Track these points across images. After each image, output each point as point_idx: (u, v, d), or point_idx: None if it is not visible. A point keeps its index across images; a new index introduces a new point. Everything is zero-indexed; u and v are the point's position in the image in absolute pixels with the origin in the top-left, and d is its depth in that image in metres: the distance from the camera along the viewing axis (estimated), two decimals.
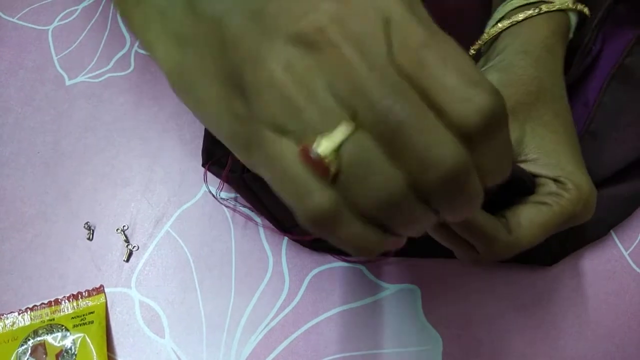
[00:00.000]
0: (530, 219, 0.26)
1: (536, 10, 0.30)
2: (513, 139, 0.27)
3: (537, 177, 0.28)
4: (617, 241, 0.37)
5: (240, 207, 0.39)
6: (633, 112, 0.34)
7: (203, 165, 0.37)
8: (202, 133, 0.40)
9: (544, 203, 0.27)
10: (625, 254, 0.37)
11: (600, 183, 0.32)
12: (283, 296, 0.37)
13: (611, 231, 0.37)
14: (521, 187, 0.27)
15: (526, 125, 0.28)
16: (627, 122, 0.34)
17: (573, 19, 0.32)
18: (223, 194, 0.40)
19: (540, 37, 0.30)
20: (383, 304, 0.36)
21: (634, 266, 0.36)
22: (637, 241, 0.37)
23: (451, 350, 0.35)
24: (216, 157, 0.37)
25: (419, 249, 0.36)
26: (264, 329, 0.36)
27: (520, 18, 0.31)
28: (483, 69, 0.32)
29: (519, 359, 0.34)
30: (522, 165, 0.28)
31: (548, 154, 0.27)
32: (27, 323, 0.36)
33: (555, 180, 0.27)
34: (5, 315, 0.37)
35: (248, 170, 0.34)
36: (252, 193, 0.36)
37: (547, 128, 0.28)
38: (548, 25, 0.30)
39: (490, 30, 0.32)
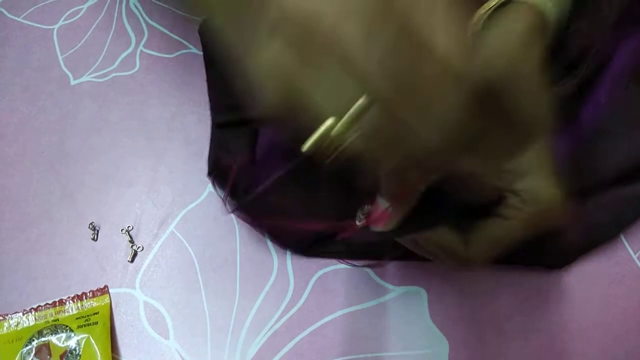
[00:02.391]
0: (484, 234, 0.27)
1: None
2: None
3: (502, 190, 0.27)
4: (627, 244, 0.37)
5: None
6: None
7: (208, 175, 0.37)
8: (208, 134, 0.39)
9: (504, 217, 0.27)
10: (634, 257, 0.36)
11: (610, 183, 0.32)
12: (288, 298, 0.37)
13: (620, 234, 0.37)
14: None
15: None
16: (638, 121, 0.34)
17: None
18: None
19: (515, 33, 0.28)
20: (389, 306, 0.36)
21: None
22: None
23: (457, 352, 0.35)
24: (220, 169, 0.37)
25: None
26: (268, 330, 0.36)
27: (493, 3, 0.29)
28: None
29: None
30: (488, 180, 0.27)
31: (515, 166, 0.27)
32: (32, 323, 0.36)
33: (516, 193, 0.27)
34: (9, 316, 0.37)
35: (248, 192, 0.34)
36: (252, 214, 0.36)
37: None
38: (525, 17, 0.28)
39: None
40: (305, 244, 0.37)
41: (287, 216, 0.35)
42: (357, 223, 0.26)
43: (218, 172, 0.36)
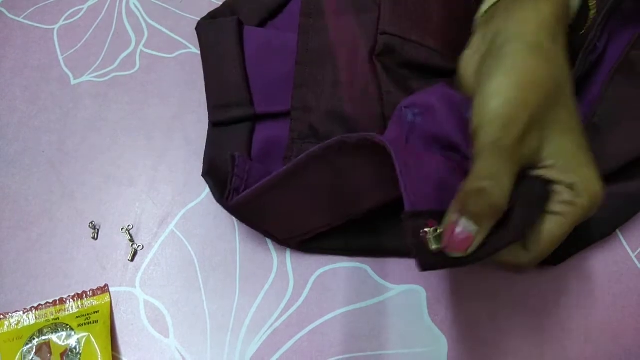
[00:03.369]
0: (545, 234, 0.26)
1: None
2: (531, 149, 0.26)
3: (551, 184, 0.27)
4: (624, 242, 0.37)
5: None
6: (638, 105, 0.34)
7: (203, 175, 0.37)
8: (206, 133, 0.40)
9: (558, 213, 0.26)
10: (632, 255, 0.36)
11: (604, 179, 0.32)
12: (287, 296, 0.37)
13: (618, 232, 0.37)
14: (537, 201, 0.27)
15: (544, 132, 0.26)
16: (632, 115, 0.34)
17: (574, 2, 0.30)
18: None
19: (537, 21, 0.28)
20: (388, 304, 0.36)
21: None
22: None
23: (456, 351, 0.35)
24: (215, 170, 0.37)
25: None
26: (268, 329, 0.36)
27: None
28: (479, 53, 0.30)
29: None
30: (539, 172, 0.27)
31: (565, 158, 0.26)
32: (32, 322, 0.37)
33: (570, 187, 0.26)
34: (10, 314, 0.37)
35: (237, 194, 0.34)
36: (244, 217, 0.36)
37: (564, 131, 0.27)
38: (546, 5, 0.28)
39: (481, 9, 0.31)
40: (299, 240, 0.37)
41: (281, 217, 0.35)
42: (432, 247, 0.24)
43: (213, 172, 0.36)
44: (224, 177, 0.35)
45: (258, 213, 0.35)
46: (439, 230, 0.24)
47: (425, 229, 0.24)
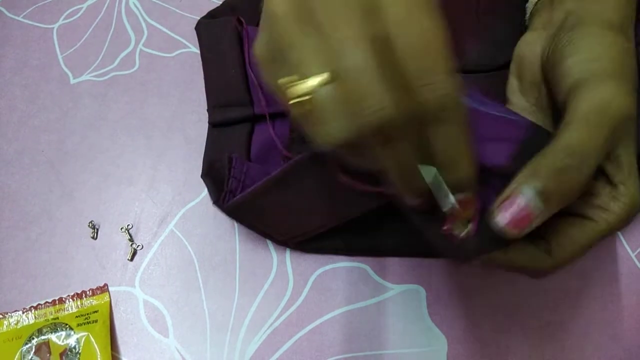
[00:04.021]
0: (572, 240, 0.24)
1: None
2: (628, 110, 0.22)
3: (594, 181, 0.24)
4: (625, 243, 0.37)
5: None
6: None
7: (202, 177, 0.37)
8: (206, 133, 0.39)
9: (590, 219, 0.24)
10: (632, 255, 0.36)
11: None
12: (287, 296, 0.37)
13: (618, 232, 0.37)
14: None
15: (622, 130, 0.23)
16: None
17: None
18: None
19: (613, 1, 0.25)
20: (387, 304, 0.36)
21: None
22: None
23: (456, 351, 0.35)
24: (214, 171, 0.36)
25: (424, 249, 0.36)
26: (267, 328, 0.36)
27: None
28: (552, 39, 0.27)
29: None
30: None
31: (620, 159, 0.23)
32: (31, 322, 0.36)
33: (613, 187, 0.23)
34: (9, 314, 0.37)
35: (233, 196, 0.34)
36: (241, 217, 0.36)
37: (630, 131, 0.23)
38: None
39: None
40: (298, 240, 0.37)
41: (277, 218, 0.35)
42: (461, 234, 0.23)
43: (212, 174, 0.37)
44: (223, 179, 0.35)
45: (255, 214, 0.35)
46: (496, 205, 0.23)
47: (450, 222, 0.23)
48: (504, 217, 0.22)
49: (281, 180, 0.31)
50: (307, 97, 0.19)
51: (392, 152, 0.20)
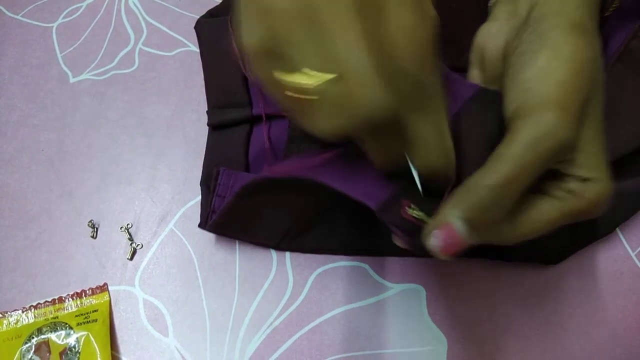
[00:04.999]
0: (538, 213, 0.24)
1: None
2: (567, 140, 0.23)
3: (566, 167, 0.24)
4: (625, 242, 0.37)
5: None
6: (635, 95, 0.33)
7: (200, 184, 0.38)
8: (207, 132, 0.39)
9: (558, 198, 0.24)
10: (633, 254, 0.36)
11: None
12: (287, 295, 0.37)
13: (618, 231, 0.37)
14: None
15: (584, 123, 0.24)
16: (627, 106, 0.34)
17: None
18: None
19: None
20: (387, 303, 0.36)
21: None
22: None
23: (456, 350, 0.35)
24: (210, 179, 0.37)
25: (424, 249, 0.36)
26: (267, 328, 0.36)
27: None
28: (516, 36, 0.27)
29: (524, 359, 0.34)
30: (560, 167, 0.24)
31: (591, 154, 0.24)
32: (31, 321, 0.36)
33: (582, 181, 0.24)
34: (9, 313, 0.37)
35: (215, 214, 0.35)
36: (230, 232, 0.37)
37: (598, 125, 0.24)
38: None
39: None
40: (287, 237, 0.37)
41: (257, 224, 0.36)
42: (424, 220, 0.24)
43: (208, 183, 0.37)
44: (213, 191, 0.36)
45: (234, 229, 0.36)
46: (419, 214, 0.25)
47: (407, 210, 0.25)
48: (435, 241, 0.24)
49: (248, 189, 0.32)
50: (305, 94, 0.20)
51: (381, 144, 0.23)
